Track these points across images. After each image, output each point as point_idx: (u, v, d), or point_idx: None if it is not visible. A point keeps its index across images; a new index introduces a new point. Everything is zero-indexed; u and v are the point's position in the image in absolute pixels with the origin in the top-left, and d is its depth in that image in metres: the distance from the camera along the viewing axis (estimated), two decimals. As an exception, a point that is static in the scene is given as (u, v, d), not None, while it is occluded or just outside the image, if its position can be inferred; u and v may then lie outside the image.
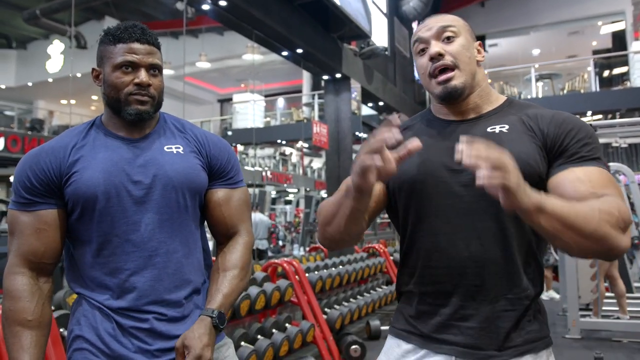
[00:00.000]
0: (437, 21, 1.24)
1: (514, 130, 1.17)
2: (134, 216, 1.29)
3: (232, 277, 1.38)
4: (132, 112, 1.30)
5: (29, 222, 1.28)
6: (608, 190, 1.06)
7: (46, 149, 1.31)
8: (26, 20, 15.12)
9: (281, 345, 3.06)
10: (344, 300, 4.66)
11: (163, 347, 1.28)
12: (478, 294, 1.15)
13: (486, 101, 1.25)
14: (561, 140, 1.14)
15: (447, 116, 1.27)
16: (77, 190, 1.27)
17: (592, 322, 5.24)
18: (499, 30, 18.45)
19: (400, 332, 1.26)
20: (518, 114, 1.21)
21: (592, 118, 13.77)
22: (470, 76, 1.21)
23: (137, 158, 1.32)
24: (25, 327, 1.24)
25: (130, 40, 1.29)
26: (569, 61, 18.90)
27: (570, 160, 1.12)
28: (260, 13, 5.85)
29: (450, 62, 1.20)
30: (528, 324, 1.15)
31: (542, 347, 1.16)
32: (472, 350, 1.14)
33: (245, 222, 1.48)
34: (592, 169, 1.10)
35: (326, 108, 8.54)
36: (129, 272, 1.28)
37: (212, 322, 1.29)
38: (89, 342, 1.27)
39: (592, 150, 1.13)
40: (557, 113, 1.20)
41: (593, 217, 0.98)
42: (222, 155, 1.44)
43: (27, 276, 1.27)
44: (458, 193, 1.16)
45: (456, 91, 1.20)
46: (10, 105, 17.78)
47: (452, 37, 1.21)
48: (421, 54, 1.24)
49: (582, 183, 1.07)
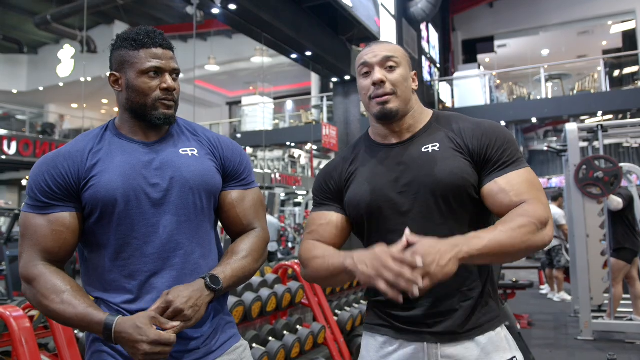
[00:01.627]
0: (382, 50, 1.39)
1: (444, 147, 1.36)
2: (153, 218, 1.29)
3: (241, 258, 1.37)
4: (160, 117, 1.32)
5: (45, 224, 1.28)
6: (526, 195, 1.26)
7: (63, 153, 1.31)
8: (37, 26, 15.28)
9: (292, 347, 3.07)
10: (355, 302, 4.66)
11: (182, 349, 1.29)
12: (439, 298, 1.32)
13: (418, 120, 1.43)
14: (484, 152, 1.32)
15: (386, 139, 1.44)
16: (96, 194, 1.27)
17: (605, 323, 5.20)
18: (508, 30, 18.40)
19: (374, 327, 1.42)
20: (445, 129, 1.39)
21: (603, 118, 13.67)
22: (405, 102, 1.39)
23: (153, 161, 1.33)
24: (66, 292, 1.22)
25: (153, 45, 1.31)
26: (578, 61, 18.78)
27: (494, 169, 1.31)
28: (270, 16, 5.87)
29: (389, 90, 1.36)
30: (481, 309, 1.34)
31: (497, 324, 1.36)
32: (440, 336, 1.32)
33: (261, 220, 1.49)
34: (512, 175, 1.29)
35: (335, 110, 8.55)
36: (148, 273, 1.29)
37: (205, 282, 1.26)
38: (108, 345, 1.28)
39: (510, 154, 1.32)
40: (477, 126, 1.37)
41: (516, 237, 1.19)
42: (235, 157, 1.46)
43: (45, 266, 1.27)
44: (406, 210, 1.34)
45: (391, 113, 1.37)
46: (22, 110, 17.93)
47: (394, 67, 1.37)
48: (365, 77, 1.40)
49: (506, 194, 1.27)
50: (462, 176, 1.31)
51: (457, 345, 1.32)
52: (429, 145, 1.37)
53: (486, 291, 1.37)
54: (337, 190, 1.46)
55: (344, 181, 1.46)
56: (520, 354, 1.37)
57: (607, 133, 5.66)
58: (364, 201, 1.38)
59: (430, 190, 1.32)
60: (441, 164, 1.32)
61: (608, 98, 12.99)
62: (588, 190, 5.16)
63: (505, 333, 1.38)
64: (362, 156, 1.47)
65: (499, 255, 1.19)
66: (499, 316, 1.38)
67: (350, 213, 1.43)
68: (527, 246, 1.20)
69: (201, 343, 1.32)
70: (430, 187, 1.32)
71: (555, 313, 6.57)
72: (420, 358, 1.33)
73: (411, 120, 1.42)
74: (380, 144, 1.45)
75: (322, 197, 1.49)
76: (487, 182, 1.31)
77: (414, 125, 1.42)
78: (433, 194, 1.32)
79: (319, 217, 1.46)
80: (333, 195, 1.47)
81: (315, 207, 1.50)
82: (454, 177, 1.30)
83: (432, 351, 1.32)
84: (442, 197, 1.31)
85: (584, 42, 19.19)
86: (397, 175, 1.36)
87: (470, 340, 1.32)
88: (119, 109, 1.39)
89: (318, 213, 1.47)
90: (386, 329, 1.39)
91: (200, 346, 1.32)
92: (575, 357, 4.57)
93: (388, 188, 1.36)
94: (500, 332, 1.36)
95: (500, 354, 1.32)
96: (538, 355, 4.31)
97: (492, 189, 1.30)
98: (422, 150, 1.37)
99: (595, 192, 5.14)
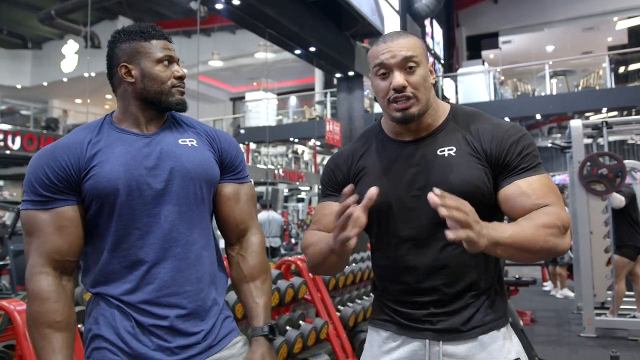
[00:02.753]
0: (400, 48, 1.29)
1: (460, 152, 1.31)
2: (154, 209, 1.30)
3: (262, 284, 1.45)
4: (178, 102, 1.37)
5: (49, 220, 1.26)
6: (548, 198, 1.23)
7: (61, 145, 1.30)
8: (41, 21, 15.28)
9: (295, 342, 3.07)
10: (357, 297, 4.66)
11: (182, 344, 1.28)
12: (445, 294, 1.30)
13: (435, 118, 1.37)
14: (503, 156, 1.28)
15: (400, 136, 1.38)
16: (97, 184, 1.26)
17: (608, 320, 5.19)
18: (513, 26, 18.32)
19: (378, 322, 1.41)
20: (462, 130, 1.34)
21: (608, 115, 13.61)
22: (425, 103, 1.32)
23: (153, 151, 1.33)
24: (55, 328, 1.23)
25: (162, 37, 1.37)
26: (583, 57, 18.67)
27: (514, 173, 1.27)
28: (273, 11, 5.86)
29: (410, 94, 1.28)
30: (487, 308, 1.31)
31: (503, 323, 1.32)
32: (442, 334, 1.30)
33: (254, 219, 1.52)
34: (533, 178, 1.25)
35: (339, 106, 8.54)
36: (150, 263, 1.28)
37: (267, 338, 1.38)
38: (108, 341, 1.27)
39: (531, 159, 1.27)
40: (497, 127, 1.32)
41: (539, 235, 1.14)
42: (231, 149, 1.48)
43: (51, 276, 1.26)
44: (415, 214, 1.31)
45: (412, 117, 1.30)
46: (26, 105, 17.97)
47: (414, 67, 1.29)
48: (382, 78, 1.31)
49: (527, 197, 1.23)
50: (476, 184, 1.27)
51: (460, 344, 1.29)
52: (444, 148, 1.32)
53: (495, 289, 1.34)
54: (344, 182, 1.41)
55: (353, 175, 1.42)
56: (525, 355, 1.35)
57: (612, 130, 5.64)
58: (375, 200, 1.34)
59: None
60: (456, 171, 1.28)
61: (613, 95, 12.94)
62: (592, 187, 5.15)
63: (511, 333, 1.35)
64: (374, 151, 1.42)
65: (520, 250, 1.14)
66: (505, 315, 1.35)
67: None
68: (549, 247, 1.16)
69: (201, 338, 1.32)
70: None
71: (558, 310, 6.56)
72: (422, 355, 1.31)
73: (429, 119, 1.36)
74: (394, 139, 1.40)
75: (328, 188, 1.46)
76: (506, 184, 1.27)
77: (431, 124, 1.36)
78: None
79: (324, 208, 1.44)
80: (340, 187, 1.41)
81: (322, 198, 1.49)
82: (468, 186, 1.26)
83: (433, 349, 1.30)
84: None
85: (589, 38, 19.09)
86: (411, 177, 1.32)
87: (473, 339, 1.29)
88: (123, 101, 1.38)
89: (324, 204, 1.45)
90: (390, 325, 1.37)
91: (201, 341, 1.32)
92: (578, 354, 4.57)
93: (400, 189, 1.33)
94: (505, 332, 1.33)
95: (504, 355, 1.29)
96: (541, 352, 4.31)
97: (512, 192, 1.25)
98: (438, 152, 1.32)
99: (599, 189, 5.13)
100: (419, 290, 1.31)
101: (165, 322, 1.27)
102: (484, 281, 1.31)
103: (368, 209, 1.27)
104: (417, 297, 1.32)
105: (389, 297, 1.38)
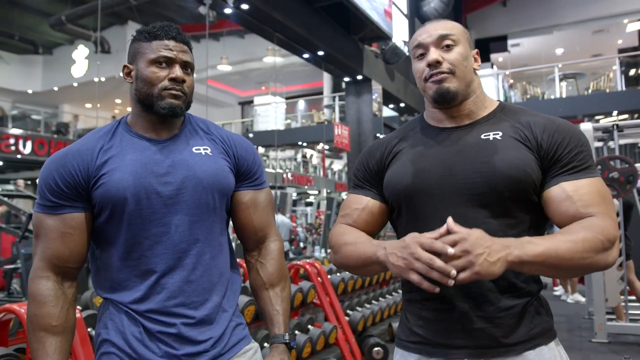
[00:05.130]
0: (436, 28, 1.25)
1: (507, 137, 1.20)
2: (164, 218, 1.28)
3: (281, 291, 1.45)
4: (165, 106, 1.29)
5: (55, 225, 1.26)
6: (596, 207, 1.11)
7: (72, 151, 1.29)
8: (52, 27, 15.44)
9: (304, 346, 3.07)
10: (366, 302, 4.65)
11: (190, 351, 1.27)
12: (480, 296, 1.16)
13: (480, 107, 1.28)
14: (554, 150, 1.17)
15: (441, 123, 1.30)
16: (106, 193, 1.25)
17: (620, 325, 5.14)
18: (522, 29, 18.24)
19: (405, 344, 1.27)
20: (511, 120, 1.24)
21: (618, 118, 13.51)
22: (464, 84, 1.24)
23: (165, 159, 1.31)
24: (50, 332, 1.23)
25: (166, 37, 1.30)
26: (593, 60, 18.57)
27: (563, 172, 1.15)
28: (282, 16, 5.88)
29: (447, 70, 1.22)
30: (532, 318, 1.17)
31: (551, 338, 1.19)
32: (481, 350, 1.15)
33: (272, 225, 1.49)
34: (582, 182, 1.14)
35: (347, 110, 8.54)
36: (159, 274, 1.27)
37: (288, 346, 1.38)
38: (116, 346, 1.26)
39: (583, 158, 1.16)
40: (550, 121, 1.21)
41: (576, 251, 1.04)
42: (248, 156, 1.44)
43: (51, 280, 1.26)
44: (451, 200, 1.19)
45: (449, 92, 1.22)
46: (37, 110, 18.12)
47: (451, 45, 1.23)
48: (419, 59, 1.27)
49: (572, 203, 1.12)
50: (524, 169, 1.14)
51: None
52: (489, 132, 1.22)
53: (539, 296, 1.22)
54: (377, 171, 1.34)
55: (385, 160, 1.34)
56: None
57: (623, 133, 5.59)
58: (404, 183, 1.25)
59: (486, 181, 1.16)
60: (502, 153, 1.16)
61: (624, 97, 12.84)
62: (603, 191, 5.10)
63: (560, 350, 1.21)
64: (412, 136, 1.33)
65: (553, 268, 1.05)
66: (553, 328, 1.22)
67: (388, 195, 1.30)
68: (588, 263, 1.06)
69: (210, 346, 1.30)
70: (487, 177, 1.16)
71: (568, 315, 6.50)
72: None
73: (472, 106, 1.26)
74: (434, 126, 1.30)
75: (360, 179, 1.38)
76: (552, 185, 1.15)
77: (475, 112, 1.27)
78: (488, 185, 1.15)
79: (354, 201, 1.37)
80: (372, 178, 1.36)
81: (352, 189, 1.41)
82: (514, 170, 1.14)
83: None
84: (497, 191, 1.15)
85: (598, 41, 18.97)
86: (447, 160, 1.21)
87: (518, 356, 1.14)
88: (131, 103, 1.37)
89: (354, 196, 1.38)
90: (419, 346, 1.23)
91: (209, 349, 1.29)
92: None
93: (434, 172, 1.22)
94: (554, 348, 1.18)
95: None
96: (551, 357, 4.26)
97: (556, 194, 1.14)
98: (482, 137, 1.22)
99: (611, 193, 5.08)
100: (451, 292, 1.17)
101: (172, 330, 1.26)
102: (530, 282, 1.19)
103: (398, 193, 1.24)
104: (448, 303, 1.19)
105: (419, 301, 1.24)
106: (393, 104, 10.56)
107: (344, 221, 1.36)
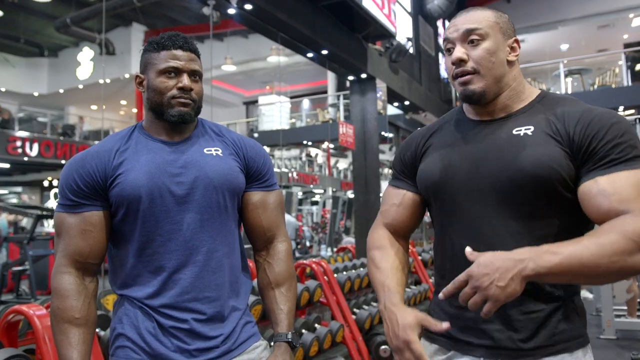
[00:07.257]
0: (464, 21, 1.21)
1: (539, 131, 1.14)
2: (177, 216, 1.34)
3: (287, 290, 1.47)
4: (175, 114, 1.35)
5: (75, 223, 1.33)
6: (631, 204, 1.01)
7: (91, 153, 1.37)
8: (57, 29, 15.51)
9: (311, 345, 3.07)
10: (373, 300, 4.65)
11: (201, 347, 1.32)
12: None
13: (516, 100, 1.22)
14: (588, 143, 1.08)
15: (477, 116, 1.27)
16: (122, 192, 1.32)
17: (628, 322, 5.12)
18: (526, 25, 18.14)
19: (429, 334, 1.27)
20: (547, 112, 1.18)
21: (625, 113, 13.43)
22: (493, 80, 1.19)
23: (178, 160, 1.37)
24: (73, 324, 1.29)
25: (173, 47, 1.36)
26: (599, 55, 18.46)
27: (598, 166, 1.07)
28: (285, 15, 5.88)
29: (470, 69, 1.19)
30: (558, 323, 1.12)
31: (577, 346, 1.13)
32: (498, 351, 1.14)
33: (281, 226, 1.54)
34: (620, 175, 1.04)
35: (352, 108, 8.53)
36: (171, 269, 1.33)
37: (290, 345, 1.40)
38: (130, 340, 1.32)
39: (623, 150, 1.06)
40: (587, 111, 1.14)
41: (603, 255, 0.96)
42: (258, 157, 1.50)
43: (73, 275, 1.32)
44: (477, 199, 1.17)
45: (474, 95, 1.19)
46: (43, 112, 18.24)
47: (478, 40, 1.18)
48: (448, 54, 1.24)
49: (605, 197, 1.03)
50: (550, 165, 1.08)
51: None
52: (521, 127, 1.17)
53: (572, 300, 1.15)
54: (412, 163, 1.34)
55: (419, 153, 1.33)
56: None
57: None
58: (432, 179, 1.24)
59: (511, 180, 1.12)
60: (529, 150, 1.11)
61: (630, 92, 12.76)
62: (610, 187, 5.07)
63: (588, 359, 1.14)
64: (446, 129, 1.31)
65: (578, 276, 0.99)
66: (582, 336, 1.14)
67: (420, 188, 1.31)
68: (619, 268, 0.97)
69: (220, 342, 1.35)
70: (511, 176, 1.12)
71: (576, 311, 6.49)
72: None
73: (507, 100, 1.21)
74: (471, 119, 1.28)
75: (397, 170, 1.39)
76: (587, 180, 1.07)
77: (510, 106, 1.22)
78: (512, 184, 1.11)
79: (392, 196, 1.38)
80: (408, 169, 1.35)
81: (392, 181, 1.41)
82: (540, 168, 1.08)
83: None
84: (522, 190, 1.11)
85: (604, 36, 18.86)
86: (476, 157, 1.19)
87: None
88: (144, 110, 1.43)
89: (392, 189, 1.39)
90: (440, 338, 1.24)
91: (220, 345, 1.35)
92: (598, 356, 4.50)
93: (462, 170, 1.20)
94: (581, 358, 1.12)
95: None
96: (559, 354, 4.25)
97: (590, 189, 1.06)
98: (513, 132, 1.17)
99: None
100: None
101: (185, 325, 1.32)
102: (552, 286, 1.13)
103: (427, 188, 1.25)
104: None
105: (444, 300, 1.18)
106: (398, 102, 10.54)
107: (382, 220, 1.39)
